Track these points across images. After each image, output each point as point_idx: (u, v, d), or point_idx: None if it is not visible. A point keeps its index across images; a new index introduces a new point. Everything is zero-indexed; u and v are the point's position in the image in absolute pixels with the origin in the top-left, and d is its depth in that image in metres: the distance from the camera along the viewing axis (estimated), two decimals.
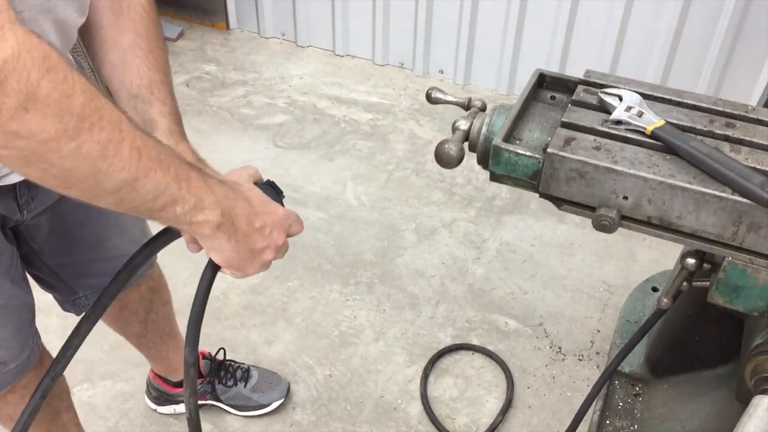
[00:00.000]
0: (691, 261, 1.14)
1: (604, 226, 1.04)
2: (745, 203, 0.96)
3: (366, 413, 1.92)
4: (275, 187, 1.02)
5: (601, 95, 1.12)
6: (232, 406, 1.89)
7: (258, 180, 1.00)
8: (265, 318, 2.19)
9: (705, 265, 1.14)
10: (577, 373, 2.03)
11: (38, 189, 1.12)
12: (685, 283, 1.18)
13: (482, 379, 2.02)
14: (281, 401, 1.90)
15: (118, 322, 1.62)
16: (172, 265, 1.63)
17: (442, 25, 3.29)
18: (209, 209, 0.82)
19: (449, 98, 1.21)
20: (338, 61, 3.59)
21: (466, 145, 1.13)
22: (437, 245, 2.47)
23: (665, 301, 1.21)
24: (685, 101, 1.14)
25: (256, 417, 1.90)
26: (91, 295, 1.40)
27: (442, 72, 3.45)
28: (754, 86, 2.84)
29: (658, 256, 2.41)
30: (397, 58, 3.51)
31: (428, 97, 1.23)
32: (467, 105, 1.20)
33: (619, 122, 1.08)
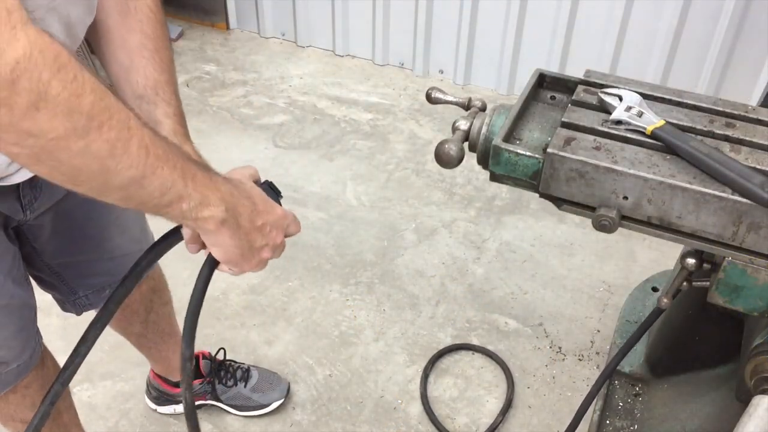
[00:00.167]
0: (691, 261, 1.14)
1: (604, 226, 1.04)
2: (745, 203, 0.96)
3: (366, 413, 1.92)
4: (274, 187, 1.03)
5: (601, 95, 1.13)
6: (232, 406, 1.89)
7: (257, 180, 1.01)
8: (265, 318, 2.19)
9: (705, 265, 1.14)
10: (577, 373, 2.03)
11: (41, 189, 1.13)
12: (685, 283, 1.18)
13: (482, 379, 2.02)
14: (281, 401, 1.90)
15: (118, 322, 1.62)
16: (172, 265, 1.63)
17: (442, 25, 3.29)
18: (214, 206, 0.83)
19: (449, 98, 1.21)
20: (338, 61, 3.59)
21: (466, 145, 1.13)
22: (437, 245, 2.47)
23: (665, 301, 1.21)
24: (685, 101, 1.14)
25: (256, 417, 1.90)
26: (92, 295, 1.41)
27: (442, 72, 3.45)
28: (754, 86, 2.84)
29: (658, 256, 2.41)
30: (397, 58, 3.52)
31: (428, 97, 1.23)
32: (467, 105, 1.20)
33: (619, 122, 1.08)
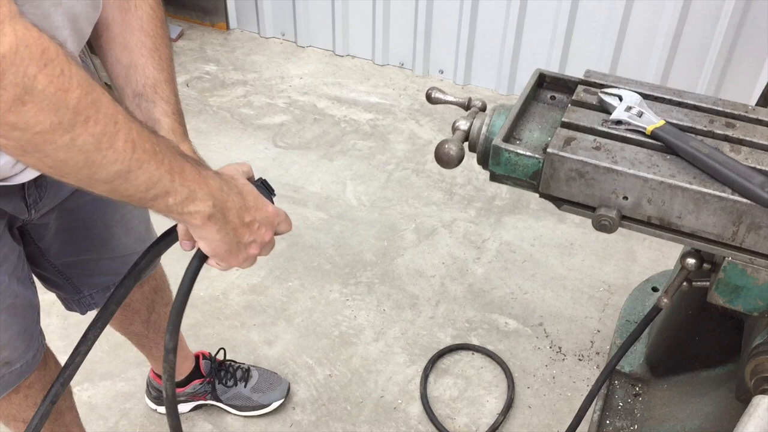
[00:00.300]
0: (691, 261, 1.14)
1: (604, 226, 1.04)
2: (745, 203, 0.96)
3: (366, 413, 1.92)
4: (267, 185, 1.04)
5: (601, 95, 1.12)
6: (232, 406, 1.89)
7: (250, 177, 1.02)
8: (265, 318, 2.19)
9: (705, 265, 1.14)
10: (577, 373, 2.03)
11: (46, 188, 1.13)
12: (685, 283, 1.18)
13: (482, 379, 2.02)
14: (281, 401, 1.90)
15: (120, 322, 1.63)
16: (172, 265, 1.62)
17: (442, 25, 3.29)
18: (201, 201, 0.84)
19: (449, 98, 1.21)
20: (338, 61, 3.59)
21: (466, 145, 1.13)
22: (437, 245, 2.47)
23: (665, 300, 1.21)
24: (685, 101, 1.14)
25: (256, 417, 1.90)
26: (96, 294, 1.41)
27: (442, 72, 3.45)
28: (754, 86, 2.84)
29: (658, 256, 2.41)
30: (397, 58, 3.52)
31: (428, 97, 1.23)
32: (467, 105, 1.20)
33: (619, 122, 1.08)
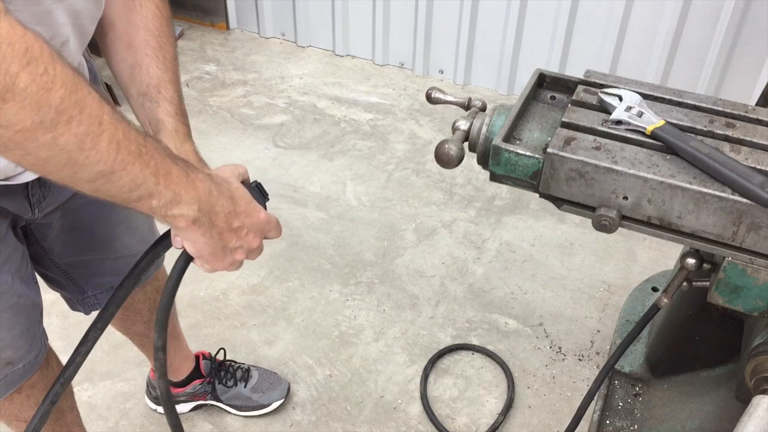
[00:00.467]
0: (691, 261, 1.14)
1: (604, 226, 1.04)
2: (745, 203, 0.96)
3: (366, 413, 1.92)
4: (261, 189, 1.02)
5: (601, 95, 1.12)
6: (232, 406, 1.89)
7: (245, 180, 1.00)
8: (265, 318, 2.19)
9: (705, 265, 1.14)
10: (577, 373, 2.03)
11: (50, 188, 1.13)
12: (685, 283, 1.18)
13: (482, 379, 2.02)
14: (281, 401, 1.90)
15: (122, 322, 1.63)
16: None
17: (442, 25, 3.29)
18: (186, 204, 0.83)
19: (449, 98, 1.21)
20: (338, 61, 3.59)
21: (466, 145, 1.13)
22: (437, 245, 2.47)
23: (665, 300, 1.21)
24: (685, 101, 1.14)
25: (256, 417, 1.90)
26: (100, 294, 1.41)
27: (442, 72, 3.45)
28: (754, 86, 2.84)
29: (658, 256, 2.41)
30: (397, 58, 3.52)
31: (428, 97, 1.22)
32: (467, 105, 1.20)
33: (619, 122, 1.08)
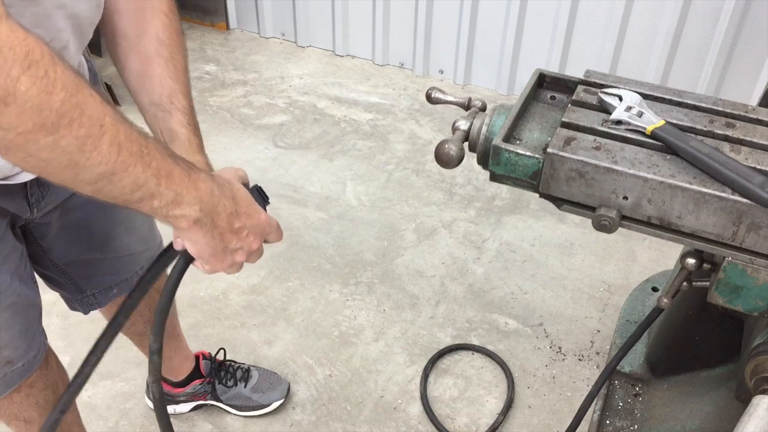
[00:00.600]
0: (691, 261, 1.14)
1: (604, 226, 1.04)
2: (745, 203, 0.96)
3: (366, 413, 1.92)
4: (262, 192, 1.02)
5: (601, 95, 1.12)
6: (232, 406, 1.89)
7: (246, 183, 1.00)
8: (265, 318, 2.19)
9: (705, 265, 1.14)
10: (577, 373, 2.03)
11: (48, 187, 1.13)
12: (685, 283, 1.18)
13: (482, 379, 2.02)
14: (281, 401, 1.90)
15: None
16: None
17: (442, 25, 3.29)
18: (187, 205, 0.83)
19: (449, 98, 1.21)
20: (338, 61, 3.59)
21: (466, 145, 1.13)
22: (437, 245, 2.47)
23: (665, 300, 1.21)
24: (685, 101, 1.14)
25: (256, 417, 1.90)
26: (99, 294, 1.41)
27: (442, 72, 3.45)
28: (754, 86, 2.84)
29: (658, 256, 2.41)
30: (397, 58, 3.52)
31: (428, 97, 1.22)
32: (467, 105, 1.20)
33: (619, 122, 1.08)
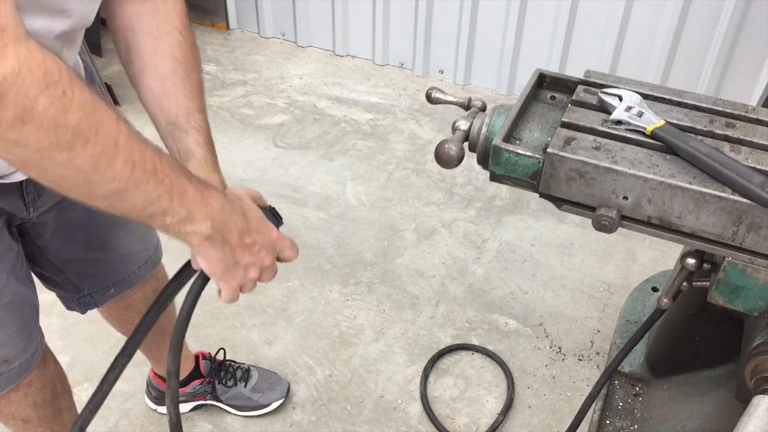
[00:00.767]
0: (691, 261, 1.14)
1: (604, 226, 1.04)
2: (745, 203, 0.96)
3: (366, 413, 1.92)
4: (276, 213, 1.03)
5: (601, 95, 1.12)
6: (232, 406, 1.89)
7: (261, 204, 1.01)
8: (265, 318, 2.19)
9: (705, 265, 1.14)
10: (577, 373, 2.03)
11: (44, 187, 1.13)
12: (685, 283, 1.18)
13: (482, 379, 2.02)
14: (281, 401, 1.90)
15: (120, 322, 1.63)
16: (174, 266, 1.63)
17: (442, 25, 3.29)
18: (199, 221, 0.85)
19: (449, 98, 1.21)
20: (338, 61, 3.59)
21: (466, 145, 1.13)
22: (437, 245, 2.47)
23: (665, 300, 1.21)
24: (685, 101, 1.14)
25: (256, 417, 1.90)
26: (96, 293, 1.41)
27: (442, 72, 3.45)
28: (754, 86, 2.84)
29: (658, 256, 2.41)
30: (397, 58, 3.52)
31: (428, 97, 1.23)
32: (467, 105, 1.20)
33: (619, 122, 1.08)
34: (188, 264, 1.00)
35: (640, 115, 1.08)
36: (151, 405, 1.92)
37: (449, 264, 2.39)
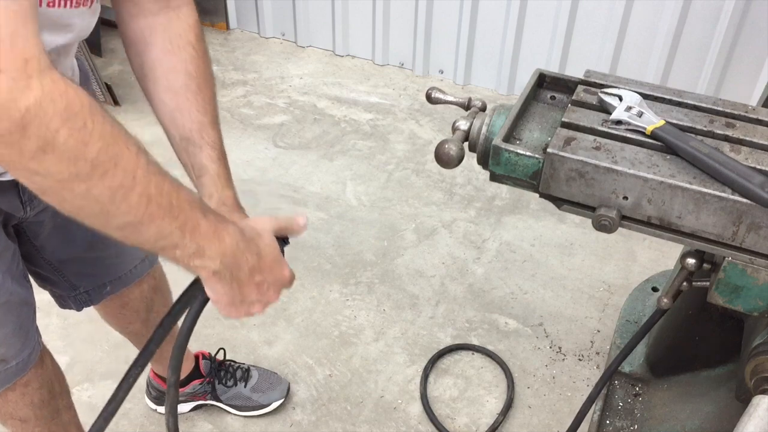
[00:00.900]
0: (691, 261, 1.14)
1: (604, 226, 1.04)
2: (745, 203, 0.96)
3: (366, 413, 1.92)
4: (285, 240, 1.01)
5: (601, 95, 1.12)
6: (232, 406, 1.89)
7: (290, 230, 1.00)
8: (265, 318, 2.19)
9: (705, 265, 1.14)
10: (577, 373, 2.03)
11: None
12: (685, 283, 1.18)
13: (482, 379, 2.02)
14: (281, 401, 1.90)
15: (118, 321, 1.63)
16: (174, 266, 1.63)
17: (442, 25, 3.29)
18: (209, 258, 0.85)
19: (449, 98, 1.21)
20: (338, 61, 3.59)
21: (466, 145, 1.13)
22: (437, 245, 2.47)
23: (665, 301, 1.21)
24: (685, 101, 1.14)
25: (256, 417, 1.90)
26: (93, 291, 1.42)
27: (442, 72, 3.45)
28: (754, 86, 2.84)
29: (658, 256, 2.41)
30: (397, 58, 3.52)
31: (428, 97, 1.23)
32: (467, 105, 1.20)
33: (619, 122, 1.08)
34: (197, 279, 1.00)
35: (640, 115, 1.08)
36: (150, 405, 1.92)
37: (449, 264, 2.39)
